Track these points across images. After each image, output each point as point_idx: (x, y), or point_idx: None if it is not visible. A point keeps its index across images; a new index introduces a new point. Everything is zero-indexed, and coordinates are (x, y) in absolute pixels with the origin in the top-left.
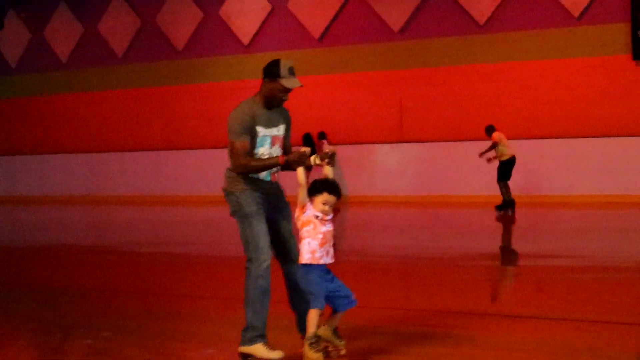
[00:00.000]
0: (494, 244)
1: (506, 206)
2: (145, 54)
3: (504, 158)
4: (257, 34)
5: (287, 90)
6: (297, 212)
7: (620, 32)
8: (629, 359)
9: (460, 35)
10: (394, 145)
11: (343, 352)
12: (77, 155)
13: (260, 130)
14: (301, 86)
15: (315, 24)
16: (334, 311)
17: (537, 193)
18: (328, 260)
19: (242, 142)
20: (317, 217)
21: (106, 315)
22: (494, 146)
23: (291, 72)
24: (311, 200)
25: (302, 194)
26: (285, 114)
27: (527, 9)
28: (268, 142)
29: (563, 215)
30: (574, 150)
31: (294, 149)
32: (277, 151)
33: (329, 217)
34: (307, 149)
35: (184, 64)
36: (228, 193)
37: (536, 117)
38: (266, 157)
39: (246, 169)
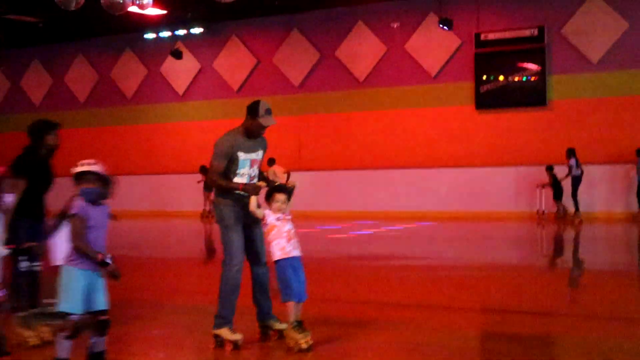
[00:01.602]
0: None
1: None
2: (102, 101)
3: None
4: (189, 86)
5: (264, 127)
6: (262, 226)
7: (466, 88)
8: (470, 334)
9: (345, 90)
10: (293, 172)
11: (304, 345)
12: None
13: (241, 155)
14: (275, 124)
15: (234, 79)
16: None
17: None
18: (297, 253)
19: (217, 164)
20: (278, 219)
21: None
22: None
23: (268, 112)
24: (269, 207)
25: (258, 213)
26: (264, 142)
27: (395, 70)
28: (248, 164)
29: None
30: (427, 177)
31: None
32: (255, 171)
33: (288, 216)
34: (262, 183)
35: (132, 109)
36: (216, 205)
37: (402, 152)
38: (246, 175)
39: (214, 184)
